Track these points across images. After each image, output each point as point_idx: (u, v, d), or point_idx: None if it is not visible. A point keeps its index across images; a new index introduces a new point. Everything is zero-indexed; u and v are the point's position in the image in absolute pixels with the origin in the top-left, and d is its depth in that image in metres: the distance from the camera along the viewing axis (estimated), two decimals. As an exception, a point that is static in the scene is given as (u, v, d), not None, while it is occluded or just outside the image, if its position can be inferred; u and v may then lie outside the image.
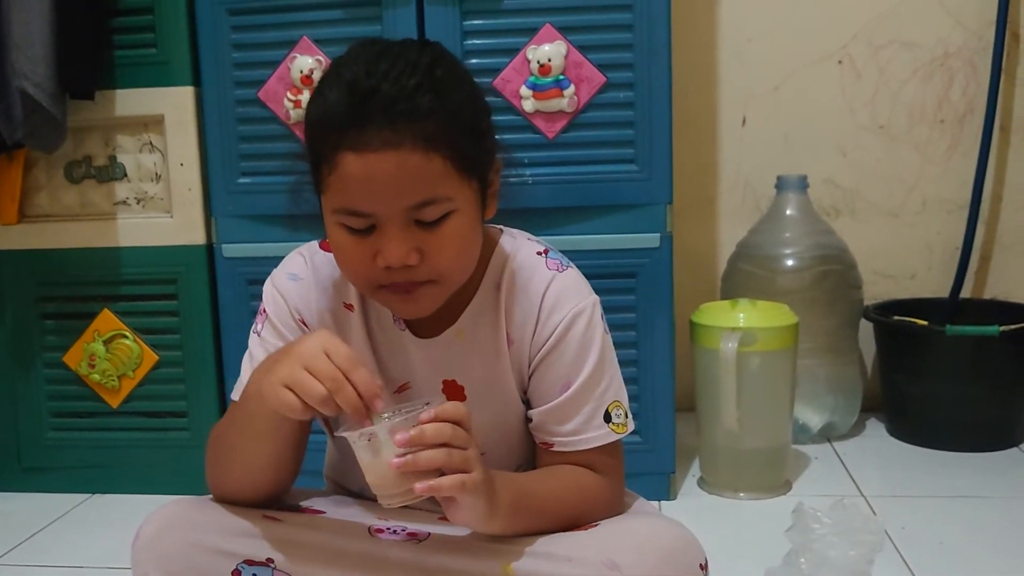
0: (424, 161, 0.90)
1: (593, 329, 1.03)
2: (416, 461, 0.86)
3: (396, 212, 0.91)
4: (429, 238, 0.93)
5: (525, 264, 1.05)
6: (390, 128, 0.88)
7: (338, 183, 0.92)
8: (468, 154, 0.94)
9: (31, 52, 1.59)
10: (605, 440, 1.03)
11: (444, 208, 0.92)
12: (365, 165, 0.89)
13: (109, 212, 1.80)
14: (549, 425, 1.04)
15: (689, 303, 1.83)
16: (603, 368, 1.03)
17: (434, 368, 1.06)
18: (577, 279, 1.06)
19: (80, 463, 1.86)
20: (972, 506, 1.66)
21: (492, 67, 1.62)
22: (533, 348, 1.04)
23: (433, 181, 0.91)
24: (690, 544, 0.97)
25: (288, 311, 1.06)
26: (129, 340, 1.80)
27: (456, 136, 0.92)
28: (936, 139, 2.14)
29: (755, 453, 1.73)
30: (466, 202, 0.95)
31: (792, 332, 1.71)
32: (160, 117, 1.74)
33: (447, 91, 0.92)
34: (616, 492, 1.06)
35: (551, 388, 1.03)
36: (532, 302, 1.03)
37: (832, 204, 2.17)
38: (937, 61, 2.11)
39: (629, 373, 1.66)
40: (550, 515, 0.99)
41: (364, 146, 0.89)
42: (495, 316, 1.04)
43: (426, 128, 0.89)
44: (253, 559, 1.00)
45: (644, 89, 1.61)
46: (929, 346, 1.93)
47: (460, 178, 0.93)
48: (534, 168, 1.63)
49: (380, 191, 0.90)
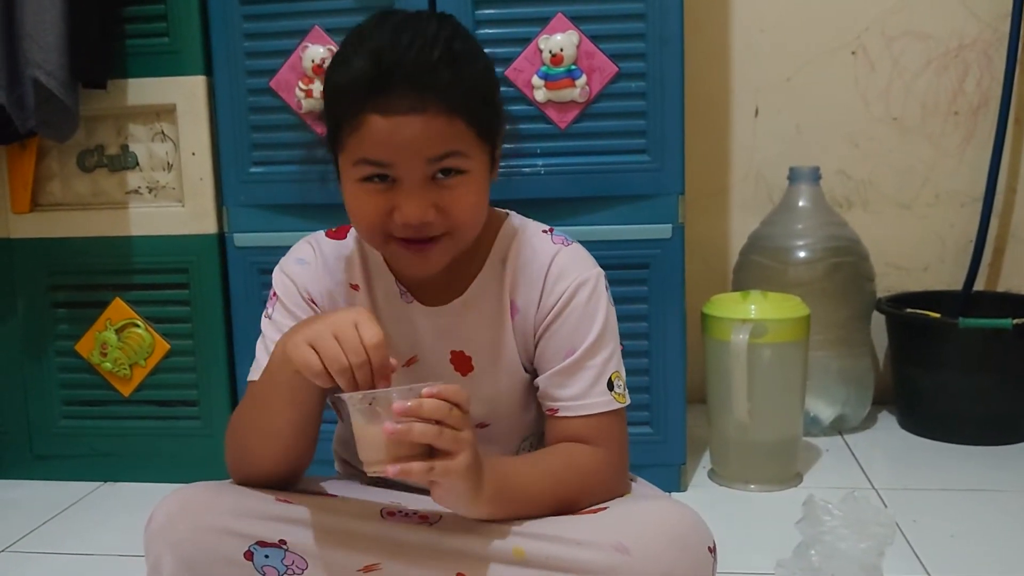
0: (447, 123, 0.94)
1: (597, 298, 1.06)
2: (409, 431, 0.87)
3: (417, 165, 0.95)
4: (446, 194, 0.97)
5: (531, 239, 1.09)
6: (416, 95, 0.93)
7: (360, 140, 0.95)
8: (484, 121, 0.99)
9: (44, 41, 1.60)
10: (608, 407, 1.04)
11: (463, 163, 0.97)
12: (390, 125, 0.94)
13: (121, 201, 1.80)
14: (553, 390, 1.05)
15: (701, 294, 1.83)
16: (607, 337, 1.06)
17: (441, 337, 1.08)
18: (582, 252, 1.10)
19: (92, 451, 1.86)
20: (984, 499, 1.65)
21: (504, 56, 1.61)
22: (539, 316, 1.06)
23: (454, 138, 0.96)
24: (699, 527, 0.97)
25: (297, 292, 1.09)
26: (141, 329, 1.81)
27: (475, 104, 0.97)
28: (950, 131, 2.13)
29: (766, 445, 1.72)
30: (480, 164, 1.00)
31: (804, 324, 1.71)
32: (172, 106, 1.75)
33: (465, 64, 0.97)
34: (616, 468, 1.07)
35: (556, 354, 1.05)
36: (538, 273, 1.06)
37: (845, 196, 2.16)
38: (951, 53, 2.10)
39: (640, 364, 1.67)
40: (542, 499, 1.00)
41: (390, 110, 0.93)
42: (500, 288, 1.07)
43: (448, 97, 0.94)
44: (265, 540, 1.01)
45: (656, 79, 1.60)
46: (942, 339, 1.92)
47: (477, 141, 0.98)
48: (546, 158, 1.63)
49: (404, 145, 0.94)
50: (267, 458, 1.04)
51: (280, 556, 1.02)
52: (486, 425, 1.10)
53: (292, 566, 1.02)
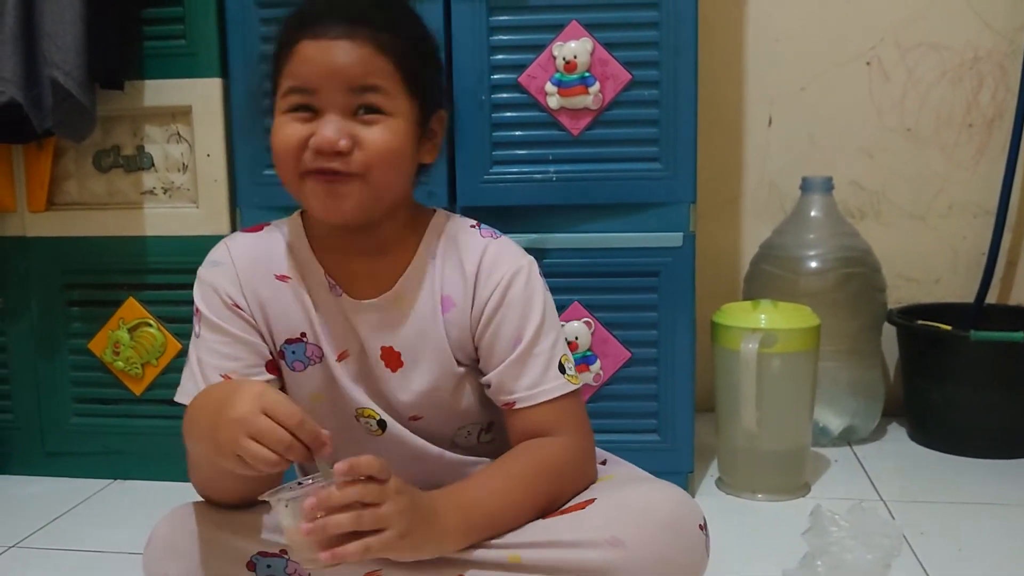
0: (374, 55, 0.98)
1: (533, 285, 1.08)
2: (324, 527, 0.85)
3: (339, 92, 0.97)
4: (364, 131, 0.98)
5: (460, 233, 1.10)
6: (348, 24, 0.98)
7: (292, 68, 0.99)
8: (414, 71, 1.01)
9: (62, 41, 1.61)
10: (564, 390, 1.05)
11: (385, 103, 0.99)
12: (319, 49, 0.98)
13: (136, 201, 1.81)
14: (508, 383, 1.05)
15: (711, 303, 1.83)
16: (549, 321, 1.07)
17: (372, 333, 1.07)
18: (511, 244, 1.11)
19: (103, 449, 1.88)
20: (992, 513, 1.64)
21: (518, 63, 1.62)
22: (475, 310, 1.07)
23: (379, 74, 0.98)
24: (688, 507, 0.98)
25: (219, 300, 1.07)
26: (153, 328, 1.82)
27: (406, 51, 1.01)
28: (964, 143, 2.12)
29: (774, 455, 1.72)
30: (404, 116, 1.01)
31: (814, 334, 1.71)
32: (188, 108, 1.76)
33: (402, 17, 1.04)
34: (585, 451, 1.07)
35: (504, 347, 1.06)
36: (470, 266, 1.07)
37: (857, 206, 2.16)
38: (966, 64, 2.10)
39: (649, 372, 1.67)
40: (520, 510, 1.00)
41: (322, 34, 0.98)
42: (431, 282, 1.08)
43: (379, 36, 0.99)
44: (267, 551, 1.02)
45: (669, 87, 1.60)
46: (953, 351, 1.91)
47: (403, 88, 1.00)
48: (558, 165, 1.63)
49: (329, 68, 0.97)
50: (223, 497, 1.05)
51: (282, 565, 1.02)
52: (419, 418, 1.10)
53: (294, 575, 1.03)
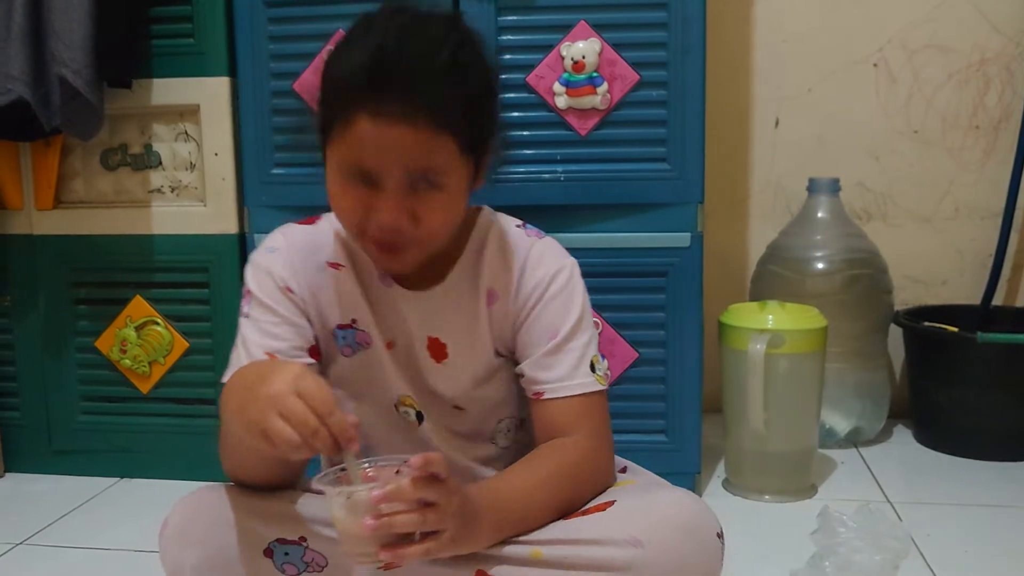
0: (433, 137, 0.95)
1: (574, 285, 1.10)
2: (391, 524, 0.85)
3: (398, 174, 0.96)
4: (421, 206, 0.98)
5: (507, 231, 1.12)
6: (409, 104, 0.93)
7: (347, 139, 0.96)
8: (473, 137, 0.99)
9: (70, 39, 1.61)
10: (592, 388, 1.07)
11: (442, 180, 0.98)
12: (377, 131, 0.94)
13: (143, 200, 1.82)
14: (538, 373, 1.08)
15: (717, 304, 1.83)
16: (586, 321, 1.10)
17: (421, 323, 1.10)
18: (556, 244, 1.13)
19: (109, 447, 1.88)
20: (999, 516, 1.64)
21: (526, 63, 1.62)
22: (517, 304, 1.09)
23: (438, 155, 0.96)
24: (707, 515, 0.99)
25: (273, 283, 1.08)
26: (160, 327, 1.82)
27: (468, 122, 0.97)
28: (970, 145, 2.12)
29: (781, 456, 1.72)
30: (459, 179, 1.00)
31: (821, 335, 1.70)
32: (196, 107, 1.76)
33: (467, 78, 0.97)
34: (604, 453, 1.09)
35: (539, 338, 1.08)
36: (515, 262, 1.10)
37: (864, 208, 2.16)
38: (973, 67, 2.10)
39: (657, 372, 1.67)
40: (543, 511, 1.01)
41: (380, 114, 0.93)
42: (477, 277, 1.10)
43: (439, 112, 0.94)
44: (285, 537, 1.02)
45: (677, 88, 1.60)
46: (959, 353, 1.91)
47: (461, 157, 0.99)
48: (566, 165, 1.64)
49: (387, 154, 0.95)
50: (256, 480, 1.05)
51: (300, 553, 1.03)
52: (462, 409, 1.13)
53: (312, 563, 1.03)
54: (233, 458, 1.04)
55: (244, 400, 0.89)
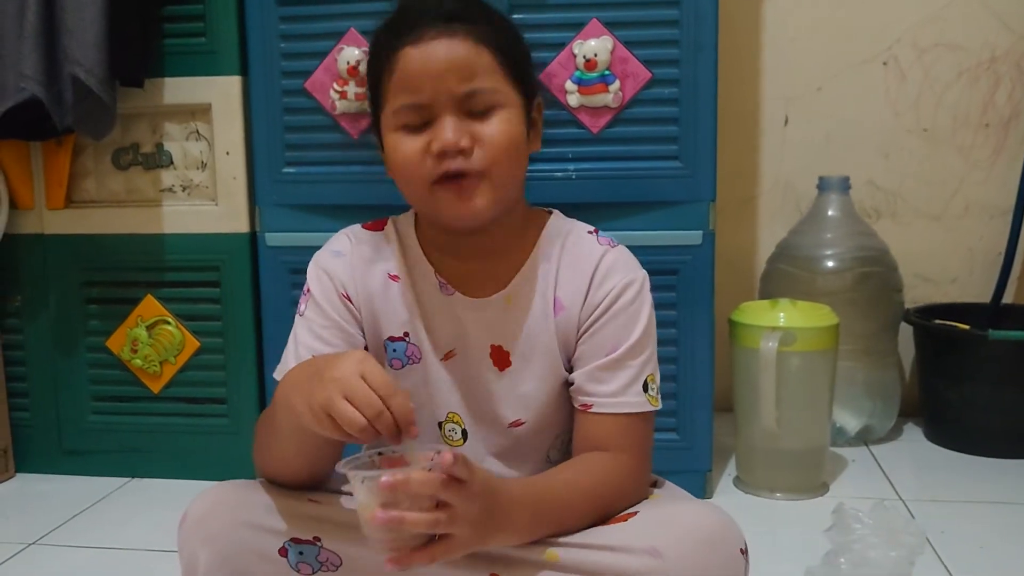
0: (474, 51, 0.99)
1: (643, 300, 1.08)
2: (402, 520, 0.85)
3: (449, 98, 0.99)
4: (480, 128, 1.00)
5: (578, 238, 1.11)
6: (443, 24, 0.99)
7: (397, 83, 1.00)
8: (514, 59, 1.03)
9: (83, 38, 1.61)
10: (642, 408, 1.06)
11: (493, 99, 1.00)
12: (421, 54, 0.99)
13: (155, 199, 1.82)
14: (591, 386, 1.06)
15: (726, 302, 1.83)
16: (648, 339, 1.08)
17: (483, 331, 1.09)
18: (629, 255, 1.12)
19: (120, 447, 1.88)
20: (1012, 512, 1.64)
21: (538, 61, 1.61)
22: (584, 314, 1.07)
23: (483, 71, 1.00)
24: (730, 528, 0.97)
25: (333, 288, 1.09)
26: (171, 326, 1.82)
27: (502, 42, 1.02)
28: (980, 143, 2.12)
29: (792, 454, 1.72)
30: (513, 104, 1.02)
31: (832, 333, 1.70)
32: (207, 106, 1.76)
33: (492, 13, 1.05)
34: (641, 476, 1.07)
35: (598, 351, 1.06)
36: (585, 271, 1.08)
37: (874, 206, 2.16)
38: (983, 65, 2.09)
39: (668, 370, 1.67)
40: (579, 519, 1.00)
41: (420, 38, 0.99)
42: (544, 284, 1.08)
43: (475, 29, 1.00)
44: (300, 537, 1.02)
45: (689, 86, 1.60)
46: (970, 351, 1.91)
47: (507, 78, 1.01)
48: (578, 163, 1.64)
49: (435, 76, 0.98)
50: (288, 474, 1.05)
51: (315, 553, 1.02)
52: (521, 423, 1.10)
53: (326, 563, 1.03)
54: (276, 450, 1.03)
55: (311, 385, 0.89)
